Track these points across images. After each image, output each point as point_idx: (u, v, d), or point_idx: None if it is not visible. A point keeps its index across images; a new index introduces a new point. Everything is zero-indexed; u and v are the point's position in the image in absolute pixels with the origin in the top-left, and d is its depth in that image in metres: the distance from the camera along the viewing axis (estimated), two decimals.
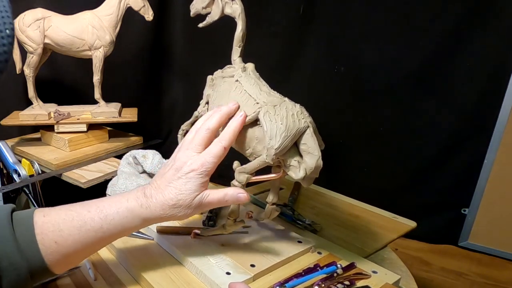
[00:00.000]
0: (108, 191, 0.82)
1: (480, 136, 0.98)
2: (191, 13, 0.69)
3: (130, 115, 1.08)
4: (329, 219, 0.79)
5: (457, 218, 1.05)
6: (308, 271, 0.57)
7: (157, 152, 0.88)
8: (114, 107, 1.06)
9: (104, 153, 1.04)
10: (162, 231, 0.66)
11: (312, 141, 0.50)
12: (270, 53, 1.12)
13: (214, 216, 0.70)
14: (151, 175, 0.86)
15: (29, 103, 1.05)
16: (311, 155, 0.50)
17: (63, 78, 1.20)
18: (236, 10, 0.63)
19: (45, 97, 1.07)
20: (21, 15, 0.96)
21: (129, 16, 1.02)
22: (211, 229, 0.64)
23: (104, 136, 1.10)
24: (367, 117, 1.09)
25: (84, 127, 1.04)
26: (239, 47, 0.66)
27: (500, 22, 0.90)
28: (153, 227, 0.67)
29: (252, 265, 0.57)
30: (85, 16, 0.99)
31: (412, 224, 0.79)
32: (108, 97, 1.07)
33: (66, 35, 0.97)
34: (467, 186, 1.02)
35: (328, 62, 1.08)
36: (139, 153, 0.87)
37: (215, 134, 0.53)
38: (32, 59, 0.99)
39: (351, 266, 0.59)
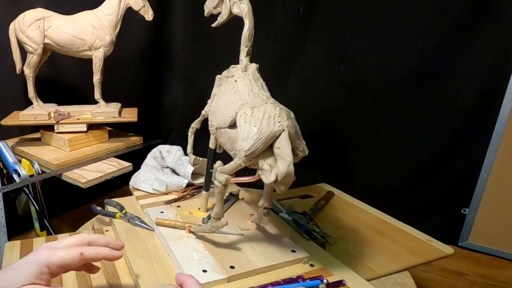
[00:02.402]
0: (130, 182, 0.88)
1: (480, 136, 0.98)
2: (205, 13, 0.70)
3: (130, 115, 1.08)
4: (350, 233, 0.75)
5: (457, 218, 1.05)
6: (288, 281, 0.55)
7: (180, 148, 0.91)
8: (114, 107, 1.06)
9: (104, 153, 1.04)
10: (159, 224, 0.69)
11: (285, 146, 0.48)
12: (270, 53, 1.12)
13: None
14: (173, 171, 0.89)
15: (29, 103, 1.05)
16: (283, 160, 0.48)
17: (63, 78, 1.20)
18: (243, 9, 0.63)
19: (45, 97, 1.07)
20: (21, 15, 0.96)
21: (129, 16, 1.02)
22: (199, 227, 0.65)
23: (104, 136, 1.10)
24: (367, 117, 1.09)
25: (84, 127, 1.04)
26: (245, 47, 0.66)
27: (500, 22, 0.90)
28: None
29: (232, 267, 0.58)
30: (85, 16, 0.99)
31: (448, 251, 0.71)
32: (108, 97, 1.07)
33: (66, 35, 0.97)
34: (467, 186, 1.02)
35: (328, 62, 1.08)
36: (165, 148, 0.90)
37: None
38: (32, 59, 0.99)
39: (339, 283, 0.56)
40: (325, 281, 0.55)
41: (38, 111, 1.02)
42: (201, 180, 0.86)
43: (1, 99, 1.12)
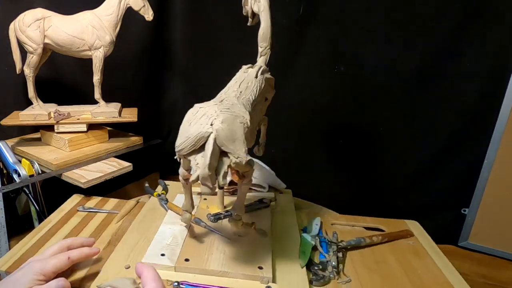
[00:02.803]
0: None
1: (480, 136, 0.98)
2: (243, 11, 0.72)
3: (130, 115, 1.08)
4: (380, 282, 0.62)
5: (457, 218, 1.05)
6: None
7: None
8: (114, 107, 1.06)
9: (104, 153, 1.04)
10: (170, 208, 0.76)
11: (207, 148, 0.48)
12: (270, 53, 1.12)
13: (220, 214, 0.72)
14: None
15: (29, 103, 1.05)
16: (203, 162, 0.49)
17: (63, 78, 1.20)
18: (259, 7, 0.64)
19: (45, 97, 1.07)
20: (21, 15, 0.96)
21: (129, 16, 1.02)
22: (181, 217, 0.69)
23: (104, 136, 1.10)
24: (367, 117, 1.09)
25: (84, 127, 1.04)
26: (260, 47, 0.67)
27: (500, 22, 0.90)
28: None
29: (187, 260, 0.61)
30: (85, 16, 0.99)
31: None
32: (108, 97, 1.07)
33: (66, 35, 0.97)
34: (467, 186, 1.02)
35: (328, 62, 1.08)
36: None
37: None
38: (32, 59, 0.99)
39: None
40: None
41: (38, 111, 1.02)
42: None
43: (1, 99, 1.12)
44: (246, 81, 0.61)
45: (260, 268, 0.59)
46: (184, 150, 0.50)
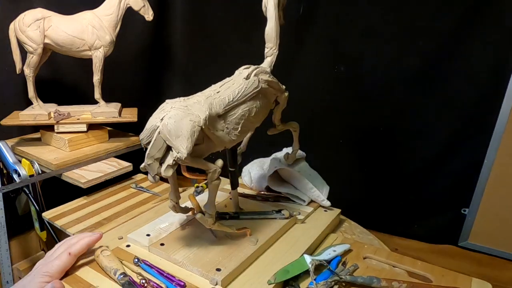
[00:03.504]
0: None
1: (480, 136, 0.97)
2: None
3: (130, 115, 1.08)
4: None
5: (457, 218, 1.05)
6: (169, 276, 0.58)
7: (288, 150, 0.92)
8: (114, 107, 1.06)
9: (104, 153, 1.04)
10: (189, 199, 0.76)
11: (152, 141, 0.53)
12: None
13: (226, 215, 0.72)
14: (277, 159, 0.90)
15: (29, 103, 1.05)
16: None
17: (63, 78, 1.20)
18: (266, 6, 0.65)
19: (45, 97, 1.07)
20: (21, 15, 0.96)
21: (129, 16, 1.02)
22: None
23: (104, 136, 1.10)
24: (367, 117, 1.09)
25: (84, 127, 1.04)
26: (266, 47, 0.67)
27: (500, 22, 0.90)
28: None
29: (162, 244, 0.65)
30: (85, 16, 0.99)
31: None
32: (108, 97, 1.07)
33: (66, 35, 0.98)
34: (467, 186, 1.02)
35: (328, 62, 1.08)
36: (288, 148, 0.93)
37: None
38: (32, 59, 0.99)
39: None
40: None
41: (38, 111, 1.02)
42: (284, 189, 0.83)
43: (1, 99, 1.12)
44: (232, 82, 0.61)
45: (218, 270, 0.58)
46: (144, 140, 0.54)
